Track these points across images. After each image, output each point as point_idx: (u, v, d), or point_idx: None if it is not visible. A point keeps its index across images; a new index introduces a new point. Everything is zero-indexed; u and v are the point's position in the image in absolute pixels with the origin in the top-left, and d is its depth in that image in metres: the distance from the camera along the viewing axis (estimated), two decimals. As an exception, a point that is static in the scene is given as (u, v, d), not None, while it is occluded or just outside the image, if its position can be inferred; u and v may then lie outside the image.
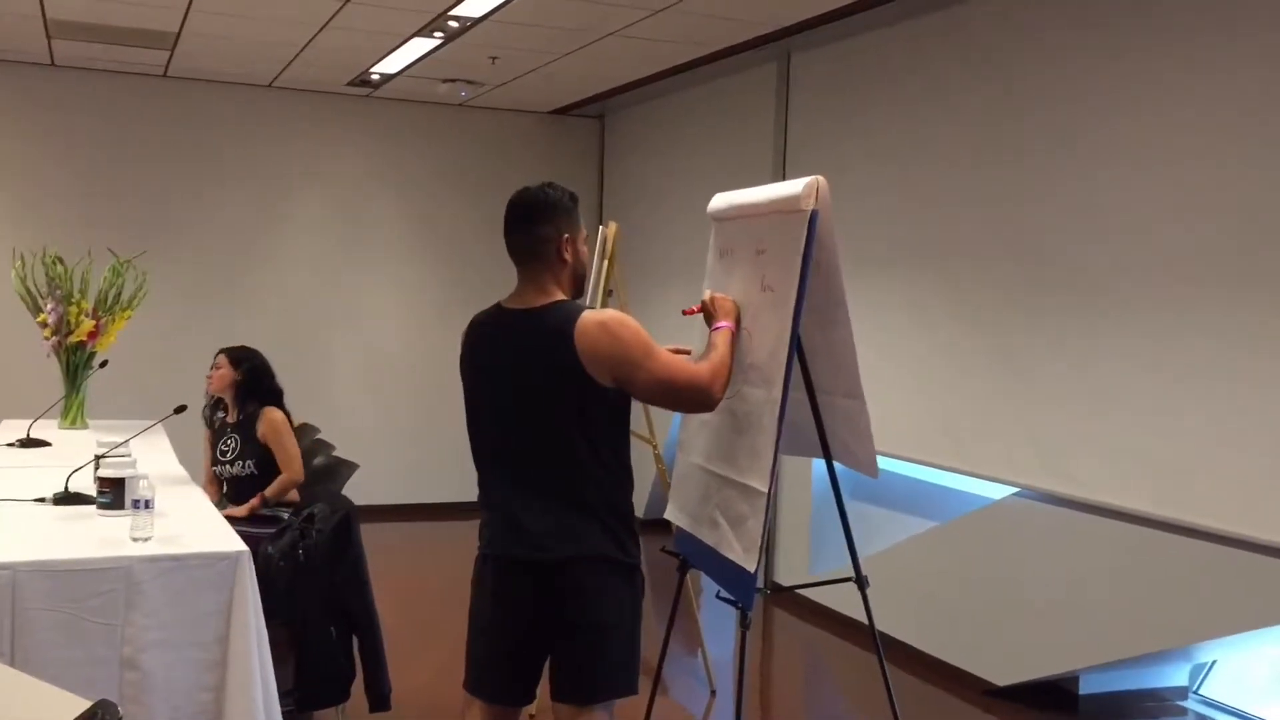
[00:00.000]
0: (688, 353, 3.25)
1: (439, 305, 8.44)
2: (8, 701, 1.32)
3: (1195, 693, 4.87)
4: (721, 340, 2.94)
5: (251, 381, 4.67)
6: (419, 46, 6.54)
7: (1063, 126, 4.62)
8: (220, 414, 4.81)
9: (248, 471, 4.57)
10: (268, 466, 4.55)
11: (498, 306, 2.85)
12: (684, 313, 3.23)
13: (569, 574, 2.70)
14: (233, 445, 4.61)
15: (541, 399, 2.70)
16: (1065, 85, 4.62)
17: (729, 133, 7.05)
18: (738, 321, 3.08)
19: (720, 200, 3.59)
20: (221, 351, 4.75)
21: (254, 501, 4.48)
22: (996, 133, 4.97)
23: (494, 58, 6.77)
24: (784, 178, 6.18)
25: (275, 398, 4.69)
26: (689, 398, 2.78)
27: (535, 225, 2.78)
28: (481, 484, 2.86)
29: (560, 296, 2.78)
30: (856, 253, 5.14)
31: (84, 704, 1.25)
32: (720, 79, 7.10)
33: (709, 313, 3.10)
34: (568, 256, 2.79)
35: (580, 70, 7.05)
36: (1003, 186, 4.93)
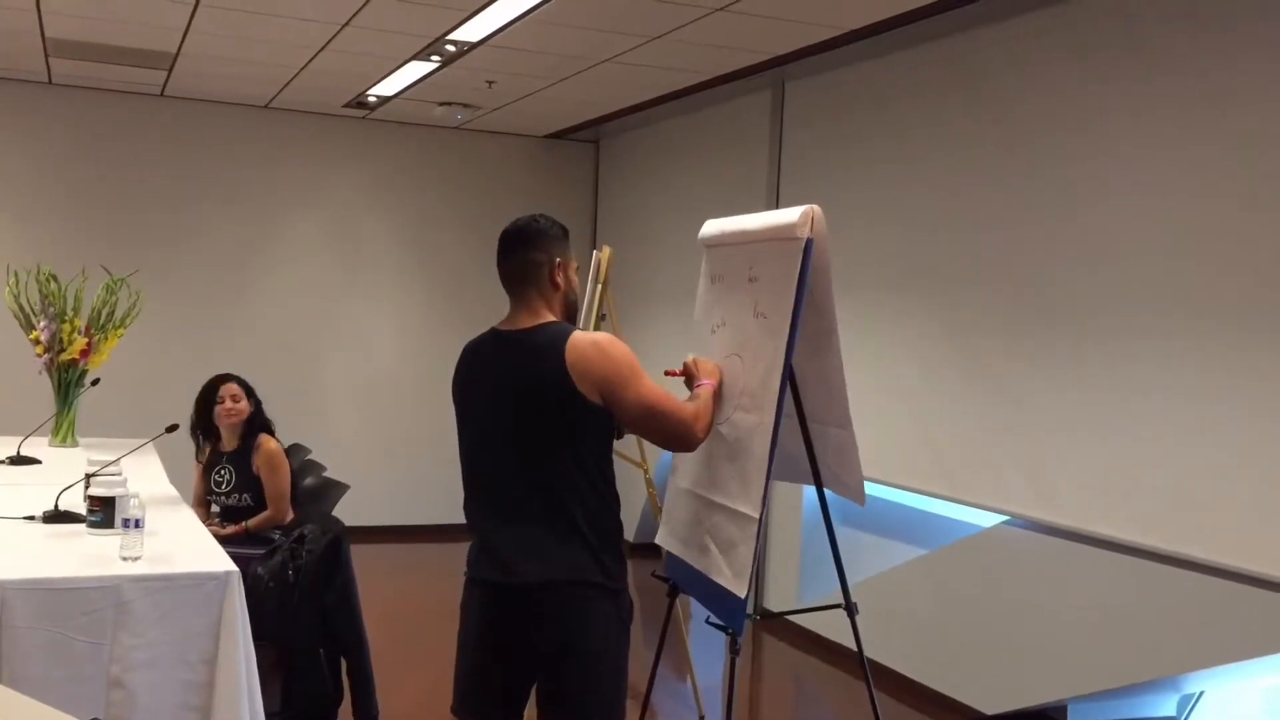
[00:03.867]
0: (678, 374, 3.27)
1: (432, 327, 8.45)
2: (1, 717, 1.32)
3: (1183, 723, 4.87)
4: (705, 393, 2.98)
5: (259, 413, 4.67)
6: (416, 70, 6.58)
7: (1054, 157, 4.66)
8: (209, 441, 4.75)
9: (245, 504, 4.55)
10: (263, 497, 4.54)
11: (492, 331, 2.87)
12: (666, 373, 3.25)
13: (551, 599, 2.70)
14: (227, 476, 4.59)
15: (529, 416, 2.71)
16: (1057, 116, 4.66)
17: (723, 159, 7.09)
18: (720, 383, 3.11)
19: (711, 226, 3.61)
20: (233, 380, 4.67)
21: (236, 529, 4.47)
22: (988, 163, 5.01)
23: (490, 82, 6.80)
24: (777, 205, 6.22)
25: (270, 427, 4.69)
26: (672, 429, 2.79)
27: (527, 251, 2.81)
28: (467, 507, 2.87)
29: (552, 319, 2.80)
30: (848, 280, 5.16)
31: (74, 723, 1.26)
32: (715, 106, 7.14)
33: (691, 375, 3.11)
34: (559, 281, 2.81)
35: (576, 95, 7.09)
36: (994, 216, 4.96)
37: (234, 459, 4.61)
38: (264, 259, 8.18)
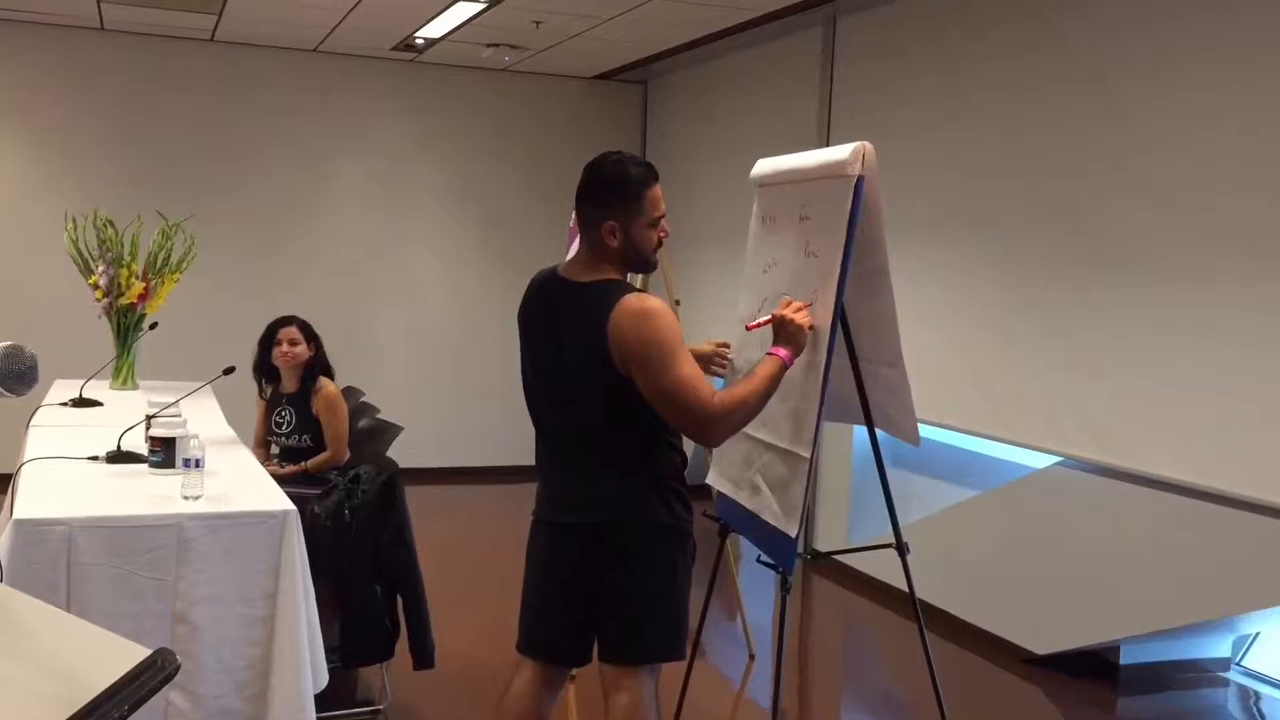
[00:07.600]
0: (727, 347, 3.23)
1: (481, 269, 8.47)
2: (72, 646, 1.36)
3: (1238, 664, 4.84)
4: (764, 370, 2.76)
5: (319, 356, 4.71)
6: (463, 10, 6.54)
7: (1109, 94, 4.56)
8: (270, 382, 4.81)
9: (304, 445, 4.61)
10: (322, 438, 4.61)
11: (554, 271, 2.84)
12: (747, 328, 3.18)
13: (612, 538, 2.73)
14: (288, 418, 4.65)
15: (576, 369, 2.71)
16: (1113, 52, 4.55)
17: (773, 99, 7.01)
18: (797, 352, 2.85)
19: (763, 166, 3.57)
20: (292, 324, 4.67)
21: (295, 469, 4.54)
22: (1042, 99, 4.90)
23: (538, 22, 6.75)
24: (828, 144, 6.14)
25: (331, 371, 4.73)
26: (685, 422, 2.65)
27: (587, 202, 2.75)
28: (535, 447, 2.88)
29: (610, 275, 2.73)
30: (900, 219, 5.08)
31: (143, 652, 1.29)
32: (765, 44, 7.04)
33: (778, 325, 2.88)
34: (610, 242, 2.71)
35: (624, 35, 7.02)
36: (1048, 154, 4.87)
37: (294, 401, 4.66)
38: (314, 203, 8.23)
